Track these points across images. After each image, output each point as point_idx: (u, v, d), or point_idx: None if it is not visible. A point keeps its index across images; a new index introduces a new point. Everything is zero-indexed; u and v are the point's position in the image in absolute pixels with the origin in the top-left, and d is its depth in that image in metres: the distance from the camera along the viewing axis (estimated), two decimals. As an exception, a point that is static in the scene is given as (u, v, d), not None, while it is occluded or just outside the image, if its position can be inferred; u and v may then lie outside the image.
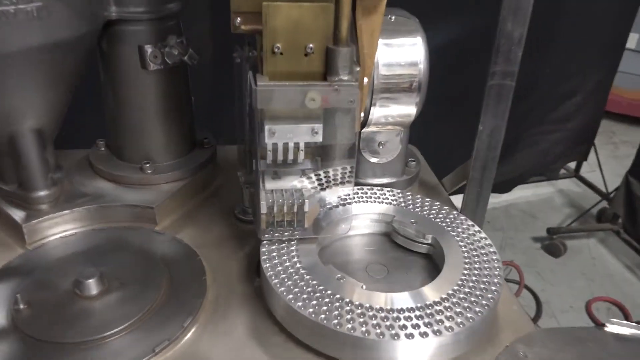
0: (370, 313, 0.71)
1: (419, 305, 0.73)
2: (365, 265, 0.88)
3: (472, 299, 0.75)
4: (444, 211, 0.96)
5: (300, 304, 0.72)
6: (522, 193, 3.27)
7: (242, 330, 0.77)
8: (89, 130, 1.10)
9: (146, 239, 0.92)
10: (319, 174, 0.92)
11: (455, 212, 0.96)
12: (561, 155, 3.10)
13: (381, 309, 0.72)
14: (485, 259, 0.84)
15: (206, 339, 0.76)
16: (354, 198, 0.97)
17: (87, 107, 1.09)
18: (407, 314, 0.72)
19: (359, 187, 1.01)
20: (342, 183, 0.93)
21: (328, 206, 0.93)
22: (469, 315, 0.72)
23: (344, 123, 0.87)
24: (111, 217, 0.97)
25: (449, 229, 0.91)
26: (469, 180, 1.04)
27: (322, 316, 0.70)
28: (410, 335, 0.68)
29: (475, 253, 0.85)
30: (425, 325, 0.70)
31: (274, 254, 0.82)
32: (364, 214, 0.95)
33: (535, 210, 3.29)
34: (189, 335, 0.76)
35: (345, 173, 0.94)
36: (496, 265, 0.83)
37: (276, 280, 0.77)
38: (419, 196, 0.99)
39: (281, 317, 0.77)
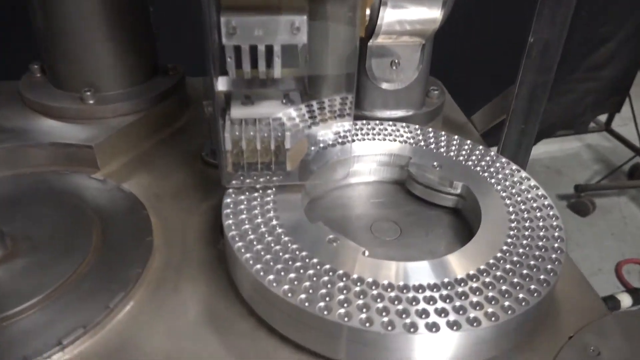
0: (374, 292, 0.48)
1: (445, 280, 0.50)
2: (370, 223, 0.65)
3: (524, 271, 0.52)
4: (477, 152, 0.71)
5: (271, 277, 0.50)
6: (546, 148, 3.06)
7: (196, 312, 0.55)
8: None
9: (78, 188, 0.69)
10: (311, 104, 0.67)
11: (493, 153, 0.71)
12: (592, 106, 2.89)
13: (390, 286, 0.49)
14: (538, 214, 0.60)
15: (143, 323, 0.54)
16: (356, 134, 0.73)
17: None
18: (428, 293, 0.49)
19: (364, 121, 0.76)
20: (341, 116, 0.69)
21: (321, 145, 0.69)
22: (520, 295, 0.49)
23: (339, 28, 0.63)
24: (38, 159, 0.74)
25: (486, 174, 0.67)
26: (511, 113, 0.78)
27: (303, 296, 0.48)
28: (433, 327, 0.45)
29: (523, 207, 0.61)
30: (456, 310, 0.47)
31: (242, 206, 0.59)
32: (369, 155, 0.71)
33: (561, 166, 3.07)
34: (118, 317, 0.54)
35: (345, 103, 0.70)
36: (555, 224, 0.59)
37: (241, 244, 0.54)
38: (443, 133, 0.75)
39: (248, 296, 0.54)
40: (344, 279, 0.50)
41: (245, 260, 0.52)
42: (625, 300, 0.74)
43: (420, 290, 0.49)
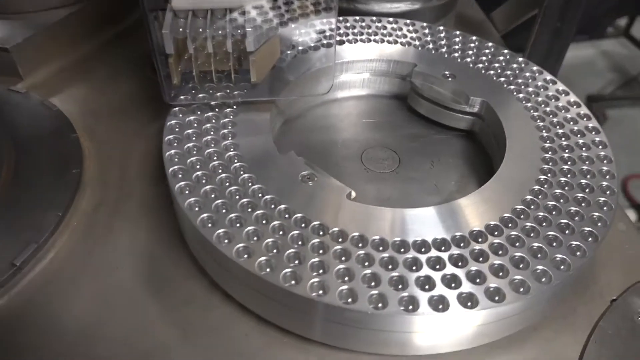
0: (361, 252, 0.35)
1: (457, 235, 0.37)
2: (361, 150, 0.51)
3: (563, 220, 0.38)
4: (501, 57, 0.55)
5: (221, 232, 0.36)
6: (558, 54, 2.84)
7: (134, 269, 0.43)
8: None
9: (-10, 103, 0.54)
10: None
11: (521, 59, 0.55)
12: (613, 8, 2.65)
13: (382, 244, 0.36)
14: (580, 141, 0.46)
15: (64, 285, 0.41)
16: (346, 34, 0.57)
17: None
18: (434, 253, 0.36)
19: (356, 17, 0.60)
20: (326, 9, 0.52)
21: (299, 48, 0.53)
22: (558, 256, 0.36)
23: None
24: (-59, 66, 0.58)
25: (512, 87, 0.51)
26: (544, 7, 0.61)
27: (263, 259, 0.35)
28: (439, 304, 0.33)
29: (560, 131, 0.47)
30: (472, 279, 0.34)
31: (189, 130, 0.45)
32: (362, 62, 0.55)
33: (572, 75, 2.87)
34: (29, 278, 0.41)
35: (332, -9, 0.53)
36: (602, 154, 0.45)
37: (183, 183, 0.40)
38: (458, 32, 0.58)
39: (196, 253, 0.42)
40: (320, 233, 0.37)
41: (188, 207, 0.38)
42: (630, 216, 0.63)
43: (422, 250, 0.36)
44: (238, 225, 0.37)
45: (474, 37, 0.57)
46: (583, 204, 0.40)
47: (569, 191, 0.41)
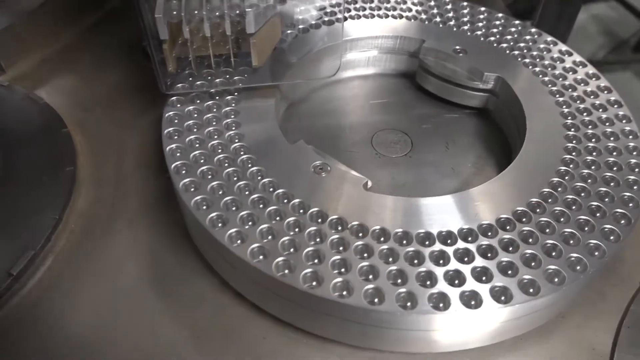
0: (384, 248, 0.33)
1: (484, 223, 0.35)
2: (371, 134, 0.48)
3: (593, 203, 0.36)
4: (513, 28, 0.52)
5: (232, 232, 0.34)
6: (549, 20, 2.80)
7: (138, 269, 0.40)
8: None
9: (-29, 99, 0.51)
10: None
11: (533, 29, 0.52)
12: None
13: (405, 236, 0.34)
14: (603, 116, 0.43)
15: (64, 292, 0.39)
16: (348, 10, 0.54)
17: None
18: (461, 245, 0.34)
19: (358, -9, 0.56)
20: (327, -17, 0.49)
21: (300, 26, 0.50)
22: (591, 242, 0.34)
23: None
24: None
25: (527, 60, 0.49)
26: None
27: (281, 260, 0.32)
28: (472, 300, 0.31)
29: (582, 106, 0.44)
30: (503, 271, 0.32)
31: (190, 121, 0.42)
32: (366, 39, 0.52)
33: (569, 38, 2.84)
34: (28, 287, 0.39)
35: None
36: (627, 128, 0.43)
37: (188, 180, 0.37)
38: (465, 3, 0.55)
39: (204, 251, 0.39)
40: (339, 227, 0.34)
41: (195, 206, 0.35)
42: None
43: (448, 242, 0.34)
44: (250, 223, 0.34)
45: (483, 8, 0.54)
46: (612, 184, 0.38)
47: (596, 170, 0.39)
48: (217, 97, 0.44)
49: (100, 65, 0.58)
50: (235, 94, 0.44)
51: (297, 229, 0.34)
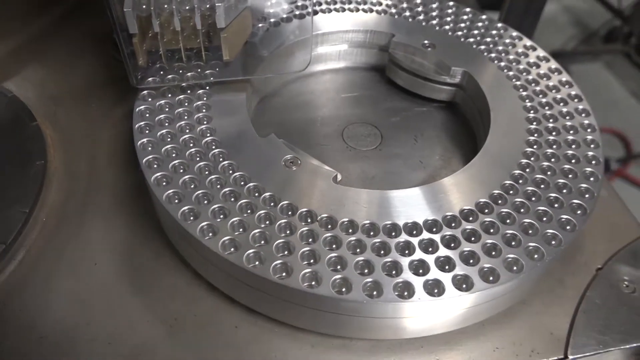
0: (352, 239, 0.34)
1: (448, 215, 0.36)
2: (342, 127, 0.49)
3: (551, 194, 0.38)
4: (480, 23, 0.54)
5: (204, 225, 0.34)
6: (521, 11, 2.83)
7: (111, 264, 0.41)
8: None
9: (-64, 92, 0.50)
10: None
11: (499, 24, 0.54)
12: None
13: (372, 228, 0.35)
14: (563, 110, 0.45)
15: (37, 286, 0.39)
16: (319, 4, 0.54)
17: None
18: (426, 235, 0.35)
19: (329, -16, 0.57)
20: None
21: (271, 20, 0.50)
22: (549, 231, 0.36)
23: None
24: None
25: (493, 55, 0.50)
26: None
27: (252, 252, 0.33)
28: (435, 288, 0.32)
29: (544, 100, 0.46)
30: (465, 259, 0.34)
31: (161, 115, 0.42)
32: (336, 33, 0.53)
33: (535, 32, 2.88)
34: None
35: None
36: (585, 122, 0.44)
37: (159, 174, 0.38)
38: (434, -2, 0.56)
39: (177, 245, 0.40)
40: (309, 220, 0.35)
41: (167, 200, 0.36)
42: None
43: (414, 233, 0.35)
44: (222, 216, 0.35)
45: (451, 3, 0.56)
46: (570, 176, 0.40)
47: (555, 163, 0.40)
48: (189, 91, 0.44)
49: (70, 57, 0.57)
50: (207, 87, 0.45)
51: (267, 222, 0.35)
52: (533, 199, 0.38)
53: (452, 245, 0.34)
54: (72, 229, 0.43)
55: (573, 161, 0.41)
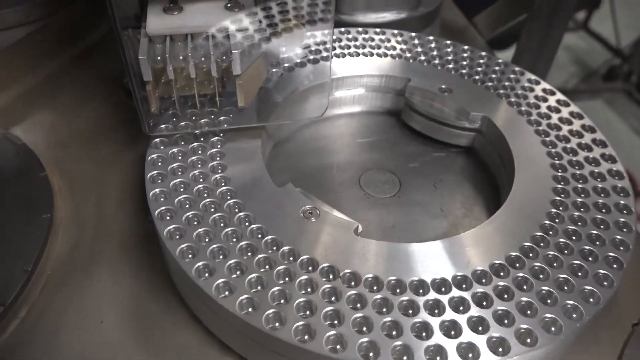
0: (378, 297, 0.32)
1: (477, 269, 0.34)
2: (359, 174, 0.47)
3: (585, 246, 0.36)
4: (497, 67, 0.53)
5: (220, 283, 0.32)
6: (522, 51, 2.88)
7: (119, 320, 0.38)
8: None
9: (-58, 139, 0.49)
10: (268, 6, 0.47)
11: (516, 67, 0.53)
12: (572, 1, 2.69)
13: (398, 284, 0.33)
14: (590, 156, 0.44)
15: (39, 347, 0.37)
16: (334, 48, 0.54)
17: None
18: (456, 293, 0.33)
19: (342, 29, 0.56)
20: (313, 22, 0.49)
21: (286, 65, 0.50)
22: (587, 288, 0.34)
23: None
24: None
25: (512, 99, 0.49)
26: (534, 13, 0.59)
27: (271, 312, 0.31)
28: (469, 352, 0.30)
29: (568, 146, 0.44)
30: (499, 320, 0.32)
31: (174, 164, 0.41)
32: (351, 77, 0.52)
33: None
34: None
35: (319, 2, 0.50)
36: (614, 169, 0.43)
37: (172, 227, 0.36)
38: (449, 42, 0.56)
39: (190, 301, 0.38)
40: (331, 276, 0.33)
41: (181, 255, 0.34)
42: None
43: (442, 290, 0.33)
44: (238, 272, 0.33)
45: (466, 47, 0.55)
46: (602, 227, 0.38)
47: (585, 213, 0.39)
48: (202, 139, 0.43)
49: (79, 101, 0.56)
50: (221, 134, 0.43)
51: (287, 278, 0.33)
52: (565, 252, 0.36)
53: (484, 303, 0.32)
54: (77, 282, 0.40)
55: (604, 211, 0.39)
